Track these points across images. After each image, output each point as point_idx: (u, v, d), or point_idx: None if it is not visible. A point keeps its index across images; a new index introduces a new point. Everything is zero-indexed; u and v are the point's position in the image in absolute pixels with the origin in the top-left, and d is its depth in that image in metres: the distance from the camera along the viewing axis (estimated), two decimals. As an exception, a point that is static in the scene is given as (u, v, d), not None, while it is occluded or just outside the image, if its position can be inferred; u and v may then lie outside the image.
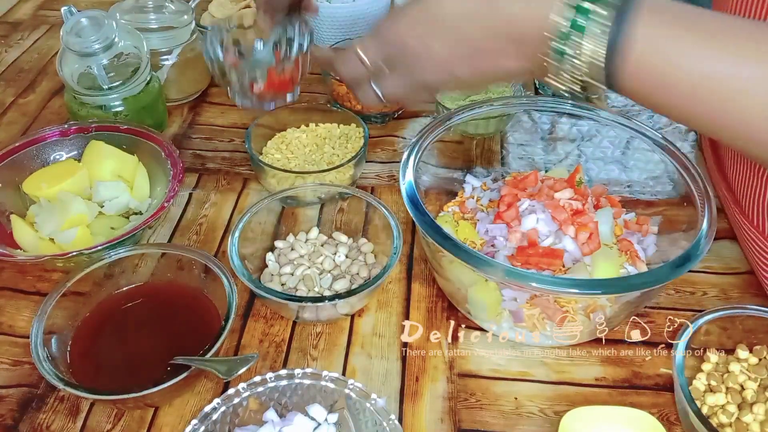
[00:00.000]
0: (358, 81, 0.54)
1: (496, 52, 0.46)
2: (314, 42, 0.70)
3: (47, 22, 1.10)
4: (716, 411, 0.53)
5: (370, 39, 0.51)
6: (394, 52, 0.49)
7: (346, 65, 0.54)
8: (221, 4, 0.98)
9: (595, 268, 0.58)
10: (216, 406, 0.48)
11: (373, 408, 0.48)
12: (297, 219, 0.70)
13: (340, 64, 0.54)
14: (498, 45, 0.45)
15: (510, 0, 0.44)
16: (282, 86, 0.76)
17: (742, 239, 0.67)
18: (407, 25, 0.48)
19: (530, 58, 0.45)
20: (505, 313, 0.58)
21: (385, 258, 0.62)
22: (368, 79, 0.52)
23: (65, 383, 0.50)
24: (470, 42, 0.46)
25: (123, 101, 0.78)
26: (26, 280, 0.67)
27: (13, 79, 0.97)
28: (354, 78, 0.54)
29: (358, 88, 0.54)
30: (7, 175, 0.70)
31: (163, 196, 0.68)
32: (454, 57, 0.47)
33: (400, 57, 0.49)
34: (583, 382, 0.58)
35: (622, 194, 0.69)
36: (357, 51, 0.51)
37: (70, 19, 0.74)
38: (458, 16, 0.45)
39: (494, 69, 0.47)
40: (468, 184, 0.71)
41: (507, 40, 0.45)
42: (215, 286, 0.58)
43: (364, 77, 0.53)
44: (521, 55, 0.45)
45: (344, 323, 0.63)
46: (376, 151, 0.83)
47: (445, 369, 0.59)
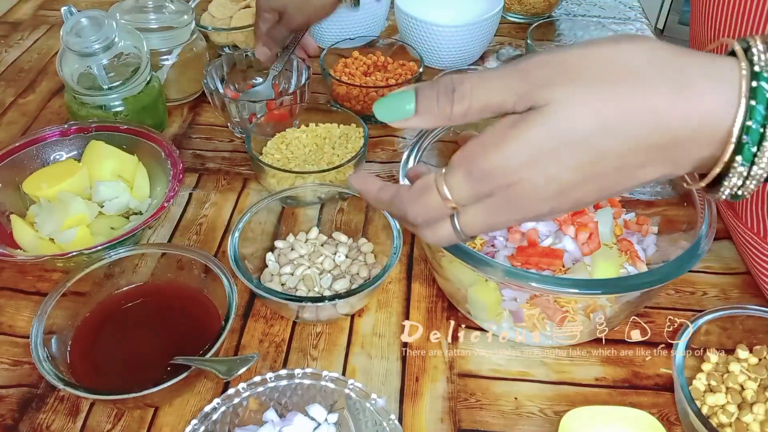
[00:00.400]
0: (430, 221, 0.41)
1: (637, 166, 0.35)
2: (313, 39, 0.70)
3: (47, 22, 1.10)
4: (716, 411, 0.53)
5: (460, 174, 0.37)
6: (496, 187, 0.37)
7: (418, 206, 0.40)
8: (221, 4, 0.98)
9: (595, 268, 0.58)
10: (216, 406, 0.48)
11: (373, 408, 0.48)
12: (297, 219, 0.71)
13: (407, 204, 0.41)
14: (642, 157, 0.35)
15: (654, 91, 0.33)
16: (281, 118, 0.78)
17: (738, 242, 0.67)
18: (517, 155, 0.35)
19: (689, 164, 0.35)
20: (505, 313, 0.58)
21: (385, 258, 0.62)
22: (448, 217, 0.40)
23: (65, 383, 0.50)
24: (603, 161, 0.35)
25: (123, 101, 0.78)
26: (26, 280, 0.67)
27: (13, 79, 0.97)
28: (427, 220, 0.41)
29: (426, 228, 0.42)
30: (7, 175, 0.70)
31: (163, 196, 0.68)
32: (579, 183, 0.36)
33: (503, 191, 0.37)
34: (583, 382, 0.58)
35: (622, 194, 0.69)
36: (443, 191, 0.38)
37: (70, 19, 0.74)
38: (587, 133, 0.34)
39: (629, 184, 0.36)
40: (468, 184, 0.71)
41: (656, 148, 0.34)
42: (215, 286, 0.58)
43: (442, 217, 0.40)
44: (673, 162, 0.35)
45: (344, 323, 0.63)
46: (376, 151, 0.83)
47: (445, 369, 0.59)
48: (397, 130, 0.87)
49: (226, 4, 0.98)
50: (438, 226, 0.41)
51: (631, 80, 0.33)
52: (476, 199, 0.38)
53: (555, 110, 0.34)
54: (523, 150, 0.35)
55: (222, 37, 0.96)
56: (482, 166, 0.36)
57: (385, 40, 0.94)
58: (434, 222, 0.41)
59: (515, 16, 1.10)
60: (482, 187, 0.37)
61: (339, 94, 0.86)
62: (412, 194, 0.40)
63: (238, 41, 0.96)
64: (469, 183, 0.37)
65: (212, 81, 0.85)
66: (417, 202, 0.40)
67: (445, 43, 0.93)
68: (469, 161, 0.37)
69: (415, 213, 0.41)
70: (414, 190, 0.40)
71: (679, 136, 0.33)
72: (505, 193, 0.37)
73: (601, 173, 0.35)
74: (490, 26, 0.95)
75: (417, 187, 0.40)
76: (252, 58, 0.88)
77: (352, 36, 0.94)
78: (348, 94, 0.84)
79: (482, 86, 0.36)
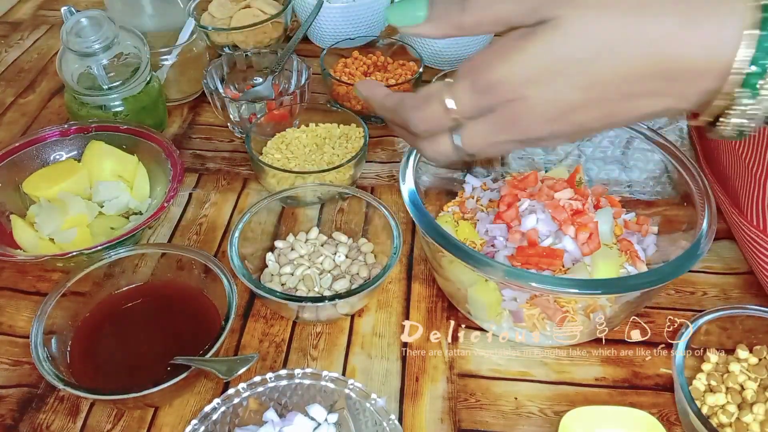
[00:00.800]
0: (432, 132, 0.41)
1: (640, 94, 0.35)
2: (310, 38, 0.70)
3: (47, 22, 1.10)
4: (716, 411, 0.53)
5: (465, 84, 0.38)
6: (499, 101, 0.37)
7: (421, 113, 0.40)
8: (221, 4, 0.98)
9: (595, 268, 0.58)
10: (216, 406, 0.48)
11: (373, 408, 0.48)
12: (297, 219, 0.70)
13: (410, 110, 0.41)
14: (646, 85, 0.35)
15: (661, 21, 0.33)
16: (281, 118, 0.78)
17: (741, 240, 0.67)
18: (522, 68, 0.35)
19: (692, 96, 0.35)
20: (505, 313, 0.58)
21: (385, 258, 0.62)
22: (448, 129, 0.40)
23: (65, 383, 0.50)
24: (607, 85, 0.35)
25: (123, 101, 0.78)
26: (26, 280, 0.67)
27: (13, 79, 0.97)
28: (428, 129, 0.41)
29: (426, 140, 0.42)
30: (7, 175, 0.70)
31: (163, 196, 0.68)
32: (582, 105, 0.36)
33: (505, 107, 0.37)
34: (583, 382, 0.58)
35: (622, 194, 0.69)
36: (445, 100, 0.38)
37: (70, 19, 0.74)
38: (593, 53, 0.34)
39: (632, 114, 0.37)
40: (468, 184, 0.71)
41: (660, 77, 0.34)
42: (215, 286, 0.58)
43: (442, 128, 0.40)
44: (677, 94, 0.35)
45: (344, 323, 0.63)
46: (376, 151, 0.83)
47: (445, 369, 0.59)
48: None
49: (226, 4, 0.98)
50: (438, 139, 0.41)
51: (640, 8, 0.33)
52: (478, 112, 0.38)
53: (563, 27, 0.34)
54: (528, 63, 0.35)
55: (222, 37, 0.96)
56: (487, 76, 0.36)
57: (385, 40, 0.94)
58: (435, 134, 0.41)
59: (515, 16, 1.10)
60: (485, 100, 0.37)
61: (339, 94, 0.86)
62: (416, 101, 0.40)
63: (238, 41, 0.96)
64: (473, 94, 0.37)
65: (212, 81, 0.85)
66: (419, 110, 0.40)
67: (445, 43, 0.93)
68: (474, 72, 0.37)
69: (417, 121, 0.41)
70: (418, 97, 0.40)
71: (685, 66, 0.33)
72: (508, 109, 0.37)
73: (604, 98, 0.35)
74: (490, 26, 0.95)
75: (421, 95, 0.40)
76: (252, 58, 0.88)
77: (352, 36, 0.94)
78: (348, 94, 0.84)
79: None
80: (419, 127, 0.41)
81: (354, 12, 0.97)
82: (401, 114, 0.42)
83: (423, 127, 0.41)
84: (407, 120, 0.41)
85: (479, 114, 0.38)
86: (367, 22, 0.99)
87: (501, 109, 0.37)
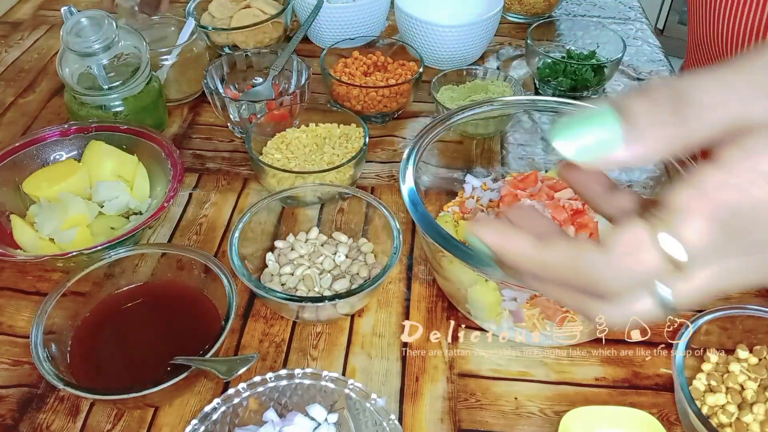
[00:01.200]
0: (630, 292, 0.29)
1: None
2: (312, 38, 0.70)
3: (47, 22, 1.10)
4: (716, 411, 0.53)
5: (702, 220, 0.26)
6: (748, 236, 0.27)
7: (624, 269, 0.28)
8: (221, 4, 0.98)
9: (595, 268, 0.58)
10: (216, 406, 0.48)
11: (373, 408, 0.48)
12: (297, 219, 0.70)
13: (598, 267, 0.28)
14: None
15: None
16: (281, 118, 0.78)
17: None
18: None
19: None
20: (505, 313, 0.58)
21: (385, 258, 0.62)
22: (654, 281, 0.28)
23: (65, 383, 0.50)
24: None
25: (123, 101, 0.78)
26: (26, 280, 0.67)
27: (13, 79, 0.97)
28: (628, 288, 0.29)
29: (614, 303, 0.30)
30: (7, 175, 0.70)
31: (163, 196, 0.68)
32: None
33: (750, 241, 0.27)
34: (583, 382, 0.58)
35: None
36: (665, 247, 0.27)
37: (70, 19, 0.74)
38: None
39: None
40: (468, 184, 0.71)
41: None
42: (215, 286, 0.58)
43: (648, 284, 0.29)
44: None
45: (344, 323, 0.63)
46: (376, 151, 0.83)
47: (445, 369, 0.59)
48: (397, 130, 0.87)
49: (226, 4, 0.98)
50: (635, 300, 0.29)
51: None
52: (716, 253, 0.27)
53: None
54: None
55: (222, 37, 0.96)
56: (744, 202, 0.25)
57: (385, 40, 0.94)
58: (631, 293, 0.29)
59: (515, 16, 1.10)
60: (735, 235, 0.26)
61: (339, 94, 0.86)
62: (607, 254, 0.28)
63: (238, 41, 0.96)
64: (714, 230, 0.26)
65: (212, 81, 0.85)
66: (623, 265, 0.27)
67: (445, 43, 0.93)
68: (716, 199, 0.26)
69: (618, 280, 0.28)
70: (609, 247, 0.28)
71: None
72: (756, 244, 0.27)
73: None
74: (490, 26, 0.95)
75: (623, 242, 0.27)
76: (252, 58, 0.88)
77: (352, 36, 0.94)
78: (348, 94, 0.84)
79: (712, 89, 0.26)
80: (612, 287, 0.28)
81: (354, 12, 0.97)
82: (586, 273, 0.29)
83: (620, 286, 0.28)
84: (596, 281, 0.29)
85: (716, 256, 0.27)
86: (367, 22, 0.99)
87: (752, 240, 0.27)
